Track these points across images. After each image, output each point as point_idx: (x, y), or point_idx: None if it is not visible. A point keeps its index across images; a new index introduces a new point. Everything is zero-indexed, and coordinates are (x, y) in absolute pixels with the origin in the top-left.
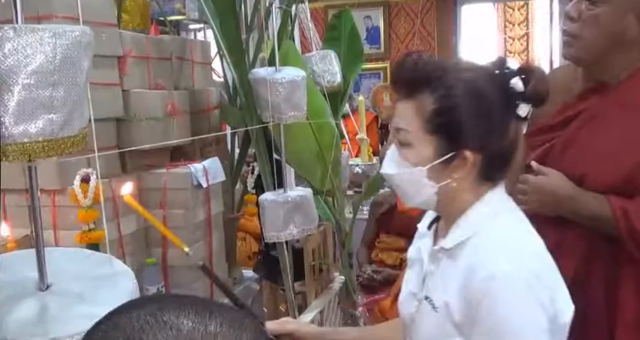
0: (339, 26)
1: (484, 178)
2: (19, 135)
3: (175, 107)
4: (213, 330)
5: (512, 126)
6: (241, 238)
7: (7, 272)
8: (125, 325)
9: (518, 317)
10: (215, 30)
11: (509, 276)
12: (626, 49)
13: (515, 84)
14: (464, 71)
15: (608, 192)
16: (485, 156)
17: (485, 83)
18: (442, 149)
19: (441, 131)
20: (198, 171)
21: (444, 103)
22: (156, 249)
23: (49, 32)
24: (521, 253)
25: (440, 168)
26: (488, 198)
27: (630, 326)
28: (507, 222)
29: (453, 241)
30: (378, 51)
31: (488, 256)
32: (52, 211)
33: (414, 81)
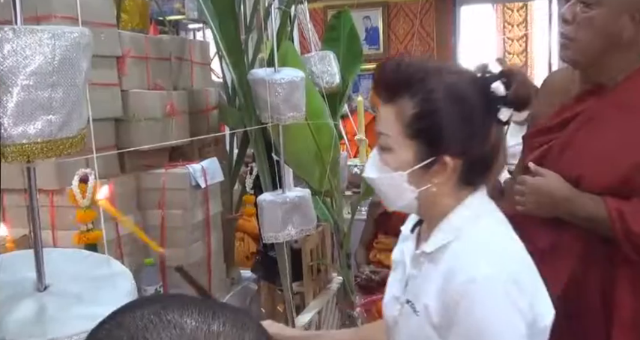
0: (338, 27)
1: (465, 183)
2: (17, 136)
3: (174, 107)
4: (216, 330)
5: (493, 130)
6: (239, 238)
7: (6, 273)
8: (129, 324)
9: (496, 320)
10: (214, 30)
11: (489, 280)
12: (622, 50)
13: (496, 88)
14: (445, 75)
15: (604, 194)
16: (466, 161)
17: (466, 87)
18: (422, 154)
19: (421, 136)
20: (196, 172)
21: (424, 108)
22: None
23: (48, 33)
24: (501, 256)
25: (420, 173)
26: (469, 202)
27: (626, 326)
28: (488, 226)
29: (435, 245)
30: (377, 51)
31: (469, 259)
32: (50, 211)
33: (395, 85)
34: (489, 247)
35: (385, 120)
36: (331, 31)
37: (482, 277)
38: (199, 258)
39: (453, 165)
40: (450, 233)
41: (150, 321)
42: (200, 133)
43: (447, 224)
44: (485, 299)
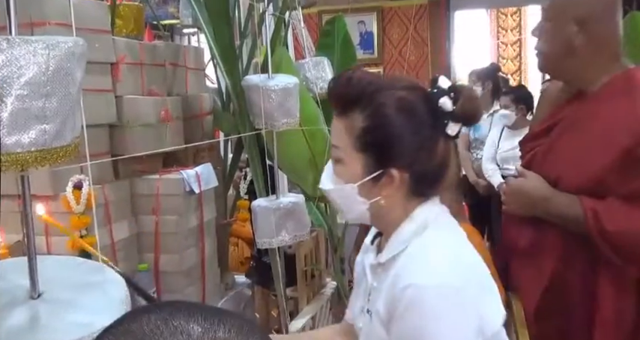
0: (332, 32)
1: (414, 194)
2: (11, 145)
3: (168, 113)
4: (222, 336)
5: (440, 145)
6: (234, 243)
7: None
8: (136, 330)
9: (432, 327)
10: (208, 37)
11: (426, 287)
12: (582, 57)
13: (444, 103)
14: (394, 90)
15: (581, 194)
16: (414, 174)
17: (415, 102)
18: (370, 167)
19: (369, 149)
20: (190, 177)
21: (372, 122)
22: (148, 255)
23: (43, 44)
24: (443, 265)
25: (369, 185)
26: (416, 215)
27: (609, 326)
28: (434, 235)
29: (387, 256)
30: (372, 56)
31: (411, 267)
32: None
33: (346, 99)
34: (431, 256)
35: (337, 132)
36: (325, 36)
37: (418, 284)
38: (193, 264)
39: (401, 178)
40: (400, 244)
41: (157, 327)
42: (194, 139)
43: (397, 236)
44: (423, 306)
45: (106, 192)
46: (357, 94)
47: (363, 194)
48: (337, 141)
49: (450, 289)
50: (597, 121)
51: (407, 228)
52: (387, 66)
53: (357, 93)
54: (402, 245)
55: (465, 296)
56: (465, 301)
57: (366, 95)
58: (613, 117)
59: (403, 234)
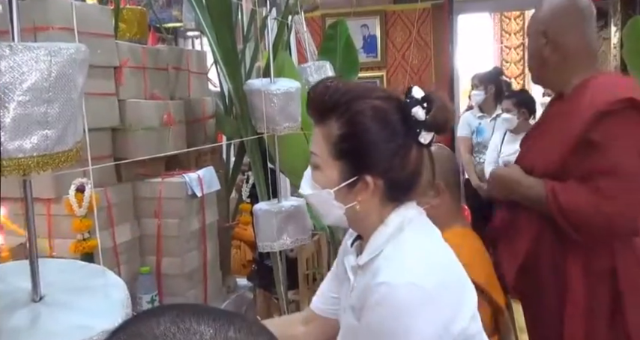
0: (334, 36)
1: (389, 200)
2: (13, 150)
3: (171, 117)
4: (234, 336)
5: (413, 153)
6: (236, 246)
7: (2, 283)
8: (146, 333)
9: (396, 323)
10: (211, 41)
11: (396, 286)
12: (554, 65)
13: (416, 113)
14: (369, 99)
15: (547, 178)
16: (387, 181)
17: (388, 112)
18: (346, 173)
19: (345, 156)
20: (192, 181)
21: (347, 130)
22: (150, 258)
23: (45, 50)
24: (413, 266)
25: (345, 191)
26: (391, 220)
27: (579, 306)
28: (409, 237)
29: (365, 259)
30: (375, 59)
31: (384, 267)
32: (47, 220)
33: (323, 107)
34: (405, 256)
35: (315, 140)
36: (328, 41)
37: (394, 282)
38: (195, 267)
39: (375, 185)
40: (377, 248)
41: (168, 329)
42: (197, 142)
43: (374, 240)
44: (393, 302)
45: (109, 195)
46: (333, 103)
47: (340, 199)
48: (315, 148)
49: (420, 288)
50: (563, 117)
51: (382, 232)
52: (390, 69)
53: (333, 101)
54: (378, 248)
55: (435, 295)
56: (433, 300)
57: (342, 104)
58: (573, 112)
59: (379, 238)
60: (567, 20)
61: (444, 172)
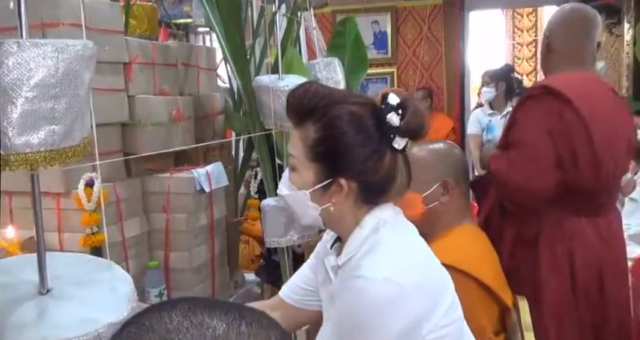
0: (343, 33)
1: (363, 202)
2: (21, 145)
3: (180, 113)
4: (246, 330)
5: (387, 157)
6: (244, 241)
7: (10, 276)
8: (158, 327)
9: (367, 317)
10: (220, 37)
11: (372, 280)
12: (548, 61)
13: (390, 119)
14: (345, 105)
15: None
16: (361, 184)
17: (363, 117)
18: (321, 175)
19: (320, 159)
20: (201, 176)
21: (323, 134)
22: (158, 252)
23: (52, 47)
24: (388, 263)
25: (320, 193)
26: (365, 222)
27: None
28: (385, 236)
29: (343, 259)
30: (386, 56)
31: (361, 263)
32: (56, 214)
33: (302, 110)
34: (380, 253)
35: (293, 142)
36: (337, 37)
37: (370, 277)
38: (203, 261)
39: (349, 187)
40: (354, 248)
41: (180, 323)
42: (205, 138)
43: (351, 241)
44: (366, 296)
45: (118, 189)
46: (311, 107)
47: (315, 200)
48: (293, 150)
49: (395, 284)
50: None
51: (358, 234)
52: (400, 66)
53: (311, 105)
54: (355, 249)
55: (409, 293)
56: (407, 298)
57: (319, 108)
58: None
59: (356, 239)
60: (566, 27)
61: (453, 169)
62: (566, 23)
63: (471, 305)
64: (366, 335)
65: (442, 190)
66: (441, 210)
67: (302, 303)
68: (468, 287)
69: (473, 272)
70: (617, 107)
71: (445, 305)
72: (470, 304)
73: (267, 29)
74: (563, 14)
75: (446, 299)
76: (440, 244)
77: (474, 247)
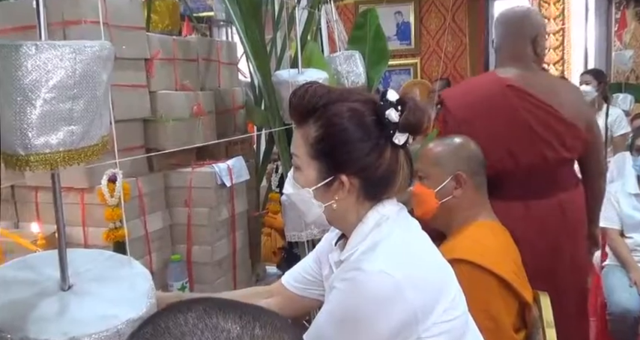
0: (364, 25)
1: (365, 198)
2: (40, 146)
3: (201, 108)
4: (260, 333)
5: (387, 153)
6: (267, 234)
7: (34, 272)
8: (174, 329)
9: (360, 308)
10: (240, 32)
11: (368, 273)
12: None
13: (389, 115)
14: (344, 103)
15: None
16: (362, 180)
17: (362, 114)
18: (323, 173)
19: (321, 156)
20: (222, 171)
21: (323, 132)
22: (181, 246)
23: (69, 48)
24: (385, 256)
25: (323, 190)
26: (368, 217)
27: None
28: (385, 231)
29: (346, 254)
30: (409, 47)
31: (359, 257)
32: (81, 208)
33: (303, 110)
34: (379, 247)
35: (295, 141)
36: (358, 29)
37: (367, 269)
38: (225, 255)
39: (351, 184)
40: (355, 245)
41: (195, 326)
42: (227, 132)
43: (354, 237)
44: (361, 287)
45: (141, 184)
46: (312, 106)
47: (318, 198)
48: (295, 149)
49: (390, 277)
50: None
51: (360, 229)
52: (424, 56)
53: (312, 104)
54: (357, 245)
55: (404, 287)
56: (402, 292)
57: (319, 107)
58: None
59: (358, 235)
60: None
61: (466, 163)
62: (500, 24)
63: (490, 300)
64: (359, 326)
65: (455, 184)
66: (455, 204)
67: (302, 291)
68: (486, 283)
69: (492, 267)
70: (511, 103)
71: (446, 302)
72: (488, 300)
73: (286, 23)
74: (500, 15)
75: (447, 295)
76: (458, 239)
77: (493, 242)
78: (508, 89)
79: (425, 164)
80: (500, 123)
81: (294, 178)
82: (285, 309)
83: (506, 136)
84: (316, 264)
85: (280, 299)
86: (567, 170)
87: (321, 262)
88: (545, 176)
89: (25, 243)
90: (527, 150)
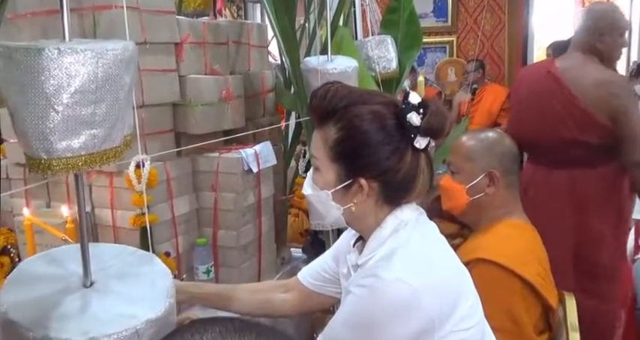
0: (397, 9)
1: (384, 202)
2: (62, 150)
3: (230, 92)
4: None
5: (408, 157)
6: (294, 214)
7: (58, 266)
8: None
9: (375, 315)
10: (270, 15)
11: (385, 280)
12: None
13: (411, 118)
14: (365, 105)
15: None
16: (382, 184)
17: (383, 117)
18: (342, 176)
19: (341, 159)
20: (249, 156)
21: (344, 134)
22: (207, 229)
23: (92, 52)
24: (402, 264)
25: (342, 193)
26: (386, 222)
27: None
28: (404, 237)
29: (364, 258)
30: (445, 24)
31: (376, 265)
32: (109, 192)
33: (322, 111)
34: (396, 254)
35: (315, 143)
36: (390, 13)
37: (383, 276)
38: (250, 240)
39: (370, 187)
40: (374, 248)
41: None
42: (256, 116)
43: (372, 241)
44: (377, 294)
45: (169, 168)
46: (332, 107)
47: (337, 200)
48: (315, 150)
49: (407, 285)
50: None
51: (378, 234)
52: (460, 35)
53: (332, 106)
54: (374, 250)
55: (419, 295)
56: (419, 300)
57: (340, 108)
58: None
59: (376, 240)
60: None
61: (500, 160)
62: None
63: (512, 302)
64: (375, 332)
65: (488, 181)
66: (486, 201)
67: (319, 288)
68: (510, 284)
69: (516, 269)
70: (546, 87)
71: (464, 309)
72: (510, 301)
73: (318, 8)
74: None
75: (465, 302)
76: (484, 238)
77: (520, 243)
78: (547, 75)
79: (457, 158)
80: (534, 103)
81: (313, 179)
82: (302, 305)
83: (537, 114)
84: (334, 262)
85: (297, 294)
86: (584, 150)
87: (339, 260)
88: (562, 152)
89: (52, 229)
90: (550, 128)
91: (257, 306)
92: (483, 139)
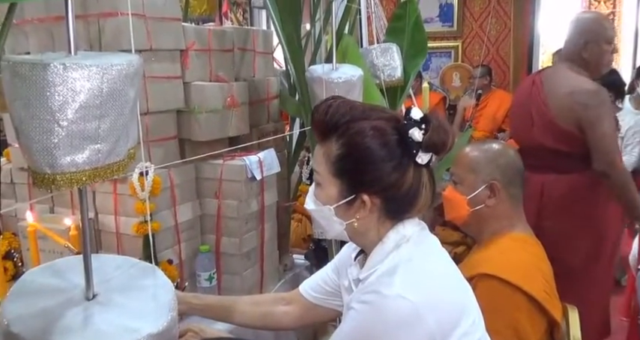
0: (403, 16)
1: (387, 217)
2: (66, 165)
3: (234, 99)
4: None
5: (410, 173)
6: (297, 220)
7: (61, 278)
8: None
9: (376, 331)
10: (276, 22)
11: (385, 297)
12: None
13: (413, 134)
14: (368, 120)
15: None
16: (384, 199)
17: (386, 133)
18: (344, 191)
19: (343, 175)
20: (252, 164)
21: (346, 150)
22: (210, 236)
23: (97, 68)
24: (402, 280)
25: (344, 208)
26: (388, 237)
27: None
28: (405, 253)
29: (365, 273)
30: (451, 29)
31: (377, 281)
32: (113, 198)
33: (325, 127)
34: (397, 270)
35: (317, 158)
36: (396, 20)
37: (384, 293)
38: (253, 247)
39: (372, 203)
40: (376, 263)
41: None
42: (260, 123)
43: (374, 256)
44: (378, 310)
45: (172, 175)
46: (334, 123)
47: (339, 216)
48: (317, 166)
49: (406, 302)
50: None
51: (380, 249)
52: (466, 40)
53: (334, 122)
54: (375, 265)
55: (422, 312)
56: (419, 316)
57: (342, 124)
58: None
59: (377, 255)
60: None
61: (502, 171)
62: (569, 23)
63: (517, 318)
64: None
65: (489, 192)
66: (487, 213)
67: (320, 301)
68: (515, 300)
69: (521, 284)
70: (528, 94)
71: (466, 325)
72: (516, 317)
73: (322, 16)
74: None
75: (467, 318)
76: (488, 252)
77: (524, 257)
78: (531, 83)
79: (460, 168)
80: (520, 111)
81: (315, 194)
82: (303, 317)
83: (521, 121)
84: (335, 275)
85: (298, 307)
86: (557, 158)
87: (340, 273)
88: (538, 158)
89: (55, 236)
90: (528, 134)
91: (258, 319)
92: (487, 150)
